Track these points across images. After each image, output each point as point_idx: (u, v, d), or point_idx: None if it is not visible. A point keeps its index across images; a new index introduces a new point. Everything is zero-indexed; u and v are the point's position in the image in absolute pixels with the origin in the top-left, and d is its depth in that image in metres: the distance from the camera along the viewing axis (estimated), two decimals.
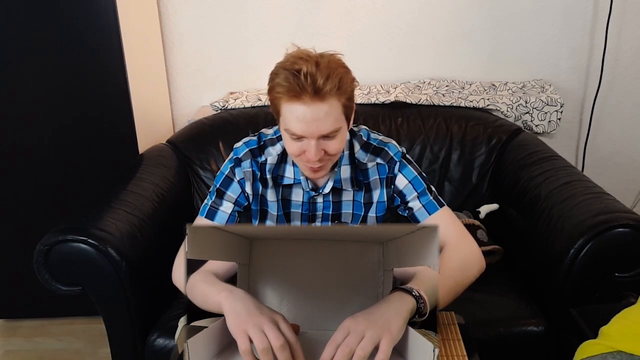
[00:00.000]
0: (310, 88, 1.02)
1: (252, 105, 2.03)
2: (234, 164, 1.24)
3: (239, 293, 0.94)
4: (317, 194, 1.23)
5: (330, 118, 1.06)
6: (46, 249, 1.36)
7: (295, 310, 1.06)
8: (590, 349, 0.82)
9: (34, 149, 1.93)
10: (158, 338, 1.44)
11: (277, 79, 1.06)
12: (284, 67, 1.06)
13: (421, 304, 0.95)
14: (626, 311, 0.86)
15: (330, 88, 1.03)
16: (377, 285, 1.06)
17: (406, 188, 1.22)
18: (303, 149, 1.10)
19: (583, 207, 1.40)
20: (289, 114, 1.06)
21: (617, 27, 2.15)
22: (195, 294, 1.07)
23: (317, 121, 1.05)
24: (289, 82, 1.03)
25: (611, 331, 0.84)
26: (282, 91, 1.05)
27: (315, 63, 1.04)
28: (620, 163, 2.33)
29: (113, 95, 1.88)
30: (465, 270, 1.14)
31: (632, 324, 0.82)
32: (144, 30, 2.05)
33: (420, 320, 0.98)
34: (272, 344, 0.83)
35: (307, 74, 1.02)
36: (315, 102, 1.04)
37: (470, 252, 1.17)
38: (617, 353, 0.79)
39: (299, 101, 1.04)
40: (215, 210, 1.24)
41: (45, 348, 2.06)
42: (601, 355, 0.80)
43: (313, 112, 1.04)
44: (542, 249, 1.45)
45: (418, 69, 2.23)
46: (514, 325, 1.42)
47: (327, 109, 1.05)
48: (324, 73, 1.03)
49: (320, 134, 1.07)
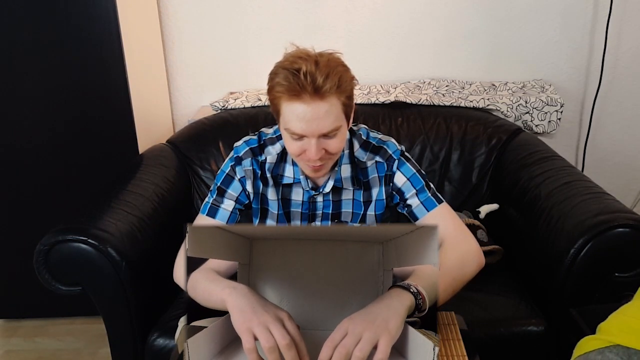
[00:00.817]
0: (310, 87, 1.02)
1: (252, 105, 2.03)
2: (234, 163, 1.24)
3: (243, 289, 0.94)
4: (317, 193, 1.24)
5: (330, 117, 1.06)
6: (46, 249, 1.36)
7: (295, 310, 1.06)
8: (588, 344, 0.83)
9: (34, 148, 1.93)
10: (158, 338, 1.44)
11: (276, 79, 1.06)
12: (283, 67, 1.06)
13: (420, 300, 0.95)
14: (624, 307, 0.87)
15: (330, 86, 1.03)
16: (377, 285, 1.06)
17: (404, 185, 1.23)
18: (303, 148, 1.10)
19: (583, 207, 1.40)
20: (289, 113, 1.06)
21: (617, 27, 2.15)
22: (197, 292, 1.07)
23: (317, 120, 1.05)
24: (289, 81, 1.03)
25: (609, 326, 0.84)
26: (281, 90, 1.05)
27: (314, 62, 1.04)
28: (620, 163, 2.33)
29: (113, 95, 1.88)
30: (464, 266, 1.14)
31: (629, 319, 0.83)
32: (144, 30, 2.05)
33: (420, 315, 0.98)
34: (279, 342, 0.82)
35: (306, 73, 1.02)
36: (315, 101, 1.04)
37: (469, 248, 1.17)
38: (615, 347, 0.80)
39: (299, 100, 1.04)
40: (216, 208, 1.24)
41: (45, 348, 2.06)
42: (599, 350, 0.81)
43: (313, 111, 1.04)
44: (542, 249, 1.45)
45: (418, 69, 2.23)
46: (514, 325, 1.42)
47: (327, 107, 1.05)
48: (323, 72, 1.03)
49: (321, 133, 1.07)
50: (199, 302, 1.08)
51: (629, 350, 0.78)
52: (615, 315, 0.86)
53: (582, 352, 0.83)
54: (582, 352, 0.83)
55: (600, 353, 0.80)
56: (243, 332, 0.84)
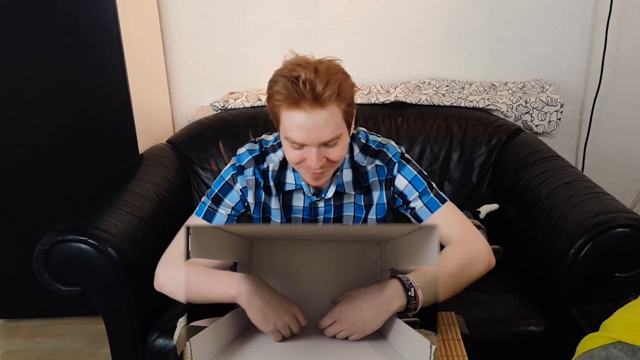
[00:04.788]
0: (310, 95, 1.01)
1: (252, 105, 2.03)
2: (236, 172, 1.22)
3: (252, 285, 1.00)
4: (319, 198, 1.22)
5: (330, 125, 1.05)
6: (46, 249, 1.36)
7: None
8: (592, 341, 0.83)
9: (34, 148, 1.93)
10: (158, 338, 1.44)
11: (275, 87, 1.04)
12: (282, 75, 1.04)
13: (412, 304, 1.01)
14: (628, 305, 0.87)
15: (330, 94, 1.02)
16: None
17: (407, 188, 1.22)
18: (304, 157, 1.09)
19: (583, 207, 1.40)
20: (289, 122, 1.05)
21: (617, 27, 2.15)
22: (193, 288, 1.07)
23: (317, 128, 1.04)
24: (288, 90, 1.02)
25: (613, 323, 0.84)
26: (280, 99, 1.03)
27: (314, 69, 1.02)
28: (620, 163, 2.33)
29: (113, 95, 1.88)
30: (472, 265, 1.13)
31: (634, 317, 0.83)
32: (144, 30, 2.05)
33: (412, 314, 1.01)
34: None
35: (305, 81, 1.01)
36: (315, 109, 1.02)
37: (478, 247, 1.16)
38: (619, 343, 0.79)
39: (299, 108, 1.03)
40: (213, 212, 1.24)
41: (45, 348, 2.06)
42: (603, 347, 0.80)
43: (313, 119, 1.03)
44: (542, 249, 1.45)
45: (418, 69, 2.23)
46: (514, 325, 1.42)
47: (327, 115, 1.03)
48: (323, 79, 1.01)
49: (321, 142, 1.06)
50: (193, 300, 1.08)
51: (633, 347, 0.78)
52: (620, 313, 0.86)
53: (586, 349, 0.82)
54: (586, 349, 0.82)
55: (605, 349, 0.80)
56: (271, 332, 1.00)
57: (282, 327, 0.99)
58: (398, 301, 1.00)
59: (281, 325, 0.99)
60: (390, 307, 1.00)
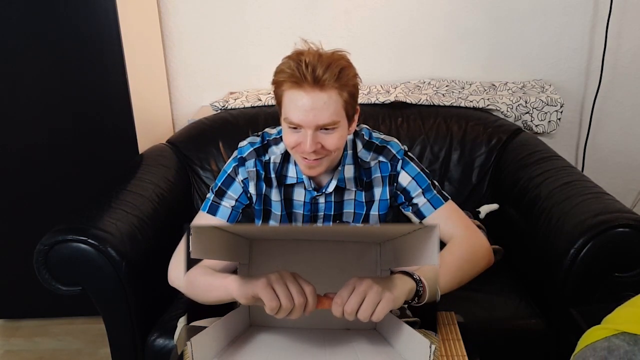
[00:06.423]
0: (310, 76, 1.05)
1: (252, 105, 2.03)
2: (237, 164, 1.24)
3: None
4: (319, 193, 1.23)
5: (328, 109, 1.07)
6: (46, 249, 1.36)
7: None
8: (594, 334, 0.83)
9: (34, 148, 1.93)
10: (158, 338, 1.44)
11: (281, 66, 1.10)
12: (289, 57, 1.10)
13: (420, 287, 0.98)
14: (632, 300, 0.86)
15: (329, 77, 1.05)
16: None
17: (410, 185, 1.23)
18: (299, 141, 1.11)
19: (583, 207, 1.40)
20: (289, 102, 1.08)
21: (617, 27, 2.15)
22: (196, 288, 1.08)
23: (314, 110, 1.07)
24: (291, 69, 1.06)
25: (615, 317, 0.84)
26: (284, 77, 1.08)
27: (318, 54, 1.08)
28: (620, 163, 2.33)
29: (113, 95, 1.88)
30: (475, 259, 1.16)
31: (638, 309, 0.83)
32: (144, 30, 2.05)
33: (418, 305, 1.00)
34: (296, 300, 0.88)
35: (308, 63, 1.05)
36: (315, 91, 1.06)
37: (479, 245, 1.18)
38: (621, 334, 0.79)
39: (300, 88, 1.06)
40: (217, 205, 1.25)
41: (45, 348, 2.06)
42: (605, 338, 0.80)
43: (312, 101, 1.06)
44: (542, 249, 1.45)
45: (418, 69, 2.23)
46: (514, 325, 1.43)
47: (325, 99, 1.06)
48: (324, 63, 1.06)
49: (317, 124, 1.08)
50: (198, 299, 1.09)
51: (635, 336, 0.78)
52: (623, 307, 0.86)
53: (589, 342, 0.82)
54: (589, 342, 0.82)
55: (607, 340, 0.80)
56: (262, 289, 0.86)
57: (276, 282, 0.87)
58: (407, 280, 0.97)
59: (275, 279, 0.87)
60: (404, 282, 0.95)
